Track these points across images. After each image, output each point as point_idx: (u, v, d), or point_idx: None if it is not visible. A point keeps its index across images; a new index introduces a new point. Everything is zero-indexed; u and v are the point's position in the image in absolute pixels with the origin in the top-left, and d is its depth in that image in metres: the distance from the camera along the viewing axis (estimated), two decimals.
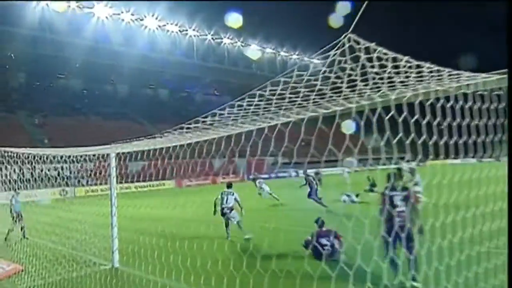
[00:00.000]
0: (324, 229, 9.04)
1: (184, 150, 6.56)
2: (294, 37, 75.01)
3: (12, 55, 57.15)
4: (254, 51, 75.55)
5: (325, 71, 3.76)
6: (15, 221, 12.41)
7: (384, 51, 3.44)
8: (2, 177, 9.09)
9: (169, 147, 6.73)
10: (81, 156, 8.58)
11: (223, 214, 11.41)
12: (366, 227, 3.75)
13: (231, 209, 11.37)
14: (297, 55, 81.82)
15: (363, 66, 3.56)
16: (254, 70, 79.48)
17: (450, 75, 3.93)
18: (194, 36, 70.42)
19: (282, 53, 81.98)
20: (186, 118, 5.58)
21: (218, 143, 6.11)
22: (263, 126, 5.09)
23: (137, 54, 62.52)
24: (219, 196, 11.71)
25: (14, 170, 8.56)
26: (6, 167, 8.75)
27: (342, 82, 3.83)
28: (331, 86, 3.94)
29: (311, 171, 20.12)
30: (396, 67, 3.60)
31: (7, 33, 52.23)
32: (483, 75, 3.88)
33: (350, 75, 3.74)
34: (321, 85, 3.90)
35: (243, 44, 76.63)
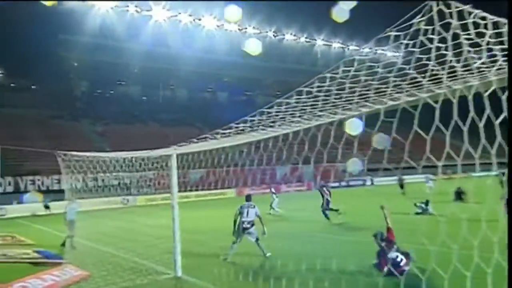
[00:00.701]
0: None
1: (245, 157, 6.75)
2: (364, 31, 72.76)
3: (75, 63, 61.83)
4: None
5: (407, 45, 3.29)
6: (69, 228, 13.65)
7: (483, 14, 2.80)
8: (69, 185, 9.96)
9: (228, 154, 6.96)
10: (141, 165, 9.14)
11: (243, 230, 10.65)
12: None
13: (252, 223, 10.74)
14: (369, 48, 78.82)
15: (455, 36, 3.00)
16: (320, 68, 77.88)
17: None
18: (254, 34, 71.27)
19: (351, 47, 79.91)
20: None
21: (280, 149, 6.07)
22: (329, 120, 4.85)
23: (195, 57, 64.42)
24: (238, 211, 10.96)
25: (78, 180, 9.34)
26: (71, 177, 9.56)
27: (428, 59, 3.31)
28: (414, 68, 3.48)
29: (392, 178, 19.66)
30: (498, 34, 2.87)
31: (69, 42, 56.91)
32: None
33: (438, 48, 3.21)
34: (398, 70, 3.48)
35: (307, 40, 75.94)
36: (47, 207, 32.07)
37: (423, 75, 3.58)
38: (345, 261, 9.10)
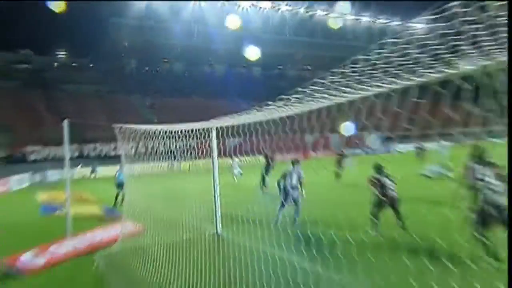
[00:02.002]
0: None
1: (277, 126, 6.81)
2: (393, 4, 69.49)
3: (126, 43, 63.01)
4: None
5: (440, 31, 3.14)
6: (119, 190, 14.28)
7: None
8: (124, 152, 10.35)
9: (263, 123, 7.01)
10: (185, 133, 9.34)
11: (285, 193, 10.17)
12: None
13: (295, 187, 10.21)
14: (399, 21, 75.20)
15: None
16: (349, 42, 75.50)
17: None
18: (286, 11, 69.69)
19: (379, 21, 76.71)
20: (279, 94, 5.78)
21: (310, 118, 6.10)
22: (358, 96, 4.74)
23: (231, 34, 64.07)
24: (282, 175, 10.50)
25: (131, 147, 9.65)
26: (125, 145, 9.91)
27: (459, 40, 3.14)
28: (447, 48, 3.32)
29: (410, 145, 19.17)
30: None
31: (120, 25, 57.81)
32: None
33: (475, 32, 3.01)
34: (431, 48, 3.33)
35: (338, 15, 73.53)
36: (93, 171, 33.98)
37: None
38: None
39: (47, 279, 7.12)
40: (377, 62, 3.99)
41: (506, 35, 2.65)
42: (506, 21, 2.49)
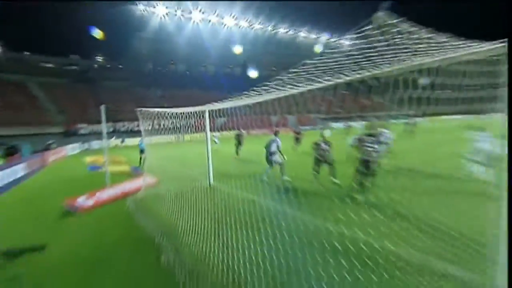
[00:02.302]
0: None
1: (252, 109, 6.73)
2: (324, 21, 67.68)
3: (144, 51, 60.82)
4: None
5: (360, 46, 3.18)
6: (141, 155, 13.92)
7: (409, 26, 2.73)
8: (143, 128, 10.06)
9: (240, 107, 6.90)
10: (187, 115, 9.12)
11: (268, 158, 9.42)
12: None
13: (274, 153, 9.35)
14: (328, 38, 74.37)
15: (392, 39, 2.94)
16: (300, 52, 73.86)
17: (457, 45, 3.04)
18: (259, 28, 67.61)
19: (321, 38, 75.73)
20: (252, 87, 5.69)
21: (274, 104, 6.05)
22: (309, 88, 4.75)
23: (221, 45, 62.41)
24: (266, 144, 9.63)
25: (149, 124, 9.39)
26: (144, 123, 9.64)
27: (373, 53, 3.23)
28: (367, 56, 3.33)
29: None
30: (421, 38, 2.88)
31: (140, 36, 55.52)
32: (485, 44, 2.99)
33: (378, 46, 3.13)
34: (355, 56, 3.37)
35: (293, 33, 72.10)
36: (123, 141, 34.31)
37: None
38: None
39: (95, 215, 7.03)
40: (319, 65, 3.99)
41: (399, 48, 2.78)
42: (400, 40, 2.58)
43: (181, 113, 8.44)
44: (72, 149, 28.53)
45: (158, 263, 4.14)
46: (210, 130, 9.54)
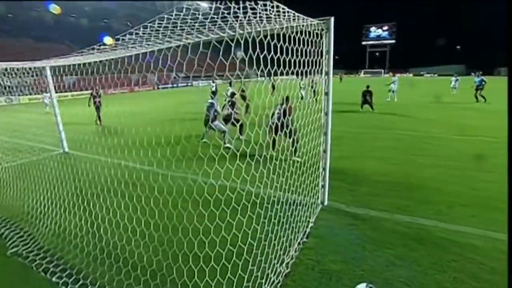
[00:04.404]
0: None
1: (108, 66, 6.00)
2: None
3: None
4: None
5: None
6: None
7: None
8: None
9: (96, 63, 6.03)
10: (18, 70, 7.24)
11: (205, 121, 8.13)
12: None
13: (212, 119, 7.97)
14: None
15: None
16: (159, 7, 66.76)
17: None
18: None
19: None
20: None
21: (135, 61, 5.62)
22: (169, 46, 4.61)
23: None
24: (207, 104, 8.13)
25: None
26: None
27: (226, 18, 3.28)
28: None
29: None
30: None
31: None
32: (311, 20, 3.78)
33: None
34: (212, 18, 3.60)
35: None
36: None
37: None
38: None
39: None
40: (177, 23, 3.92)
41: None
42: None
43: (12, 69, 6.57)
44: None
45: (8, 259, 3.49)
46: (62, 90, 7.98)
